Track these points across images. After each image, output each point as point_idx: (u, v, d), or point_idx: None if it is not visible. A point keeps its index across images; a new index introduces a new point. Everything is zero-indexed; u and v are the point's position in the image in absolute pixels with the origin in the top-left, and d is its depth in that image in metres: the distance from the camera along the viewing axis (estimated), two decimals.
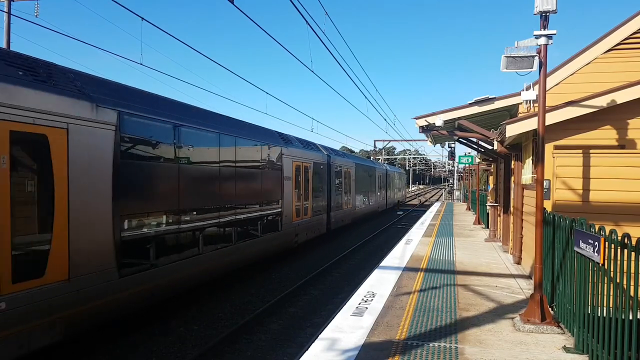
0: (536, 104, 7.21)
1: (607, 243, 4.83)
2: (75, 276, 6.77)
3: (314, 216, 18.75)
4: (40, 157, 6.43)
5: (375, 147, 65.83)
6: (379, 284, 8.74)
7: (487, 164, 23.03)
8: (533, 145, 9.26)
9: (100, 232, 7.37)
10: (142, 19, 11.30)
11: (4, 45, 18.63)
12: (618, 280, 4.62)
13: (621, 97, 7.94)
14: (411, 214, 39.67)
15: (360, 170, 28.11)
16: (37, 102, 6.31)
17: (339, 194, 23.00)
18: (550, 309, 6.64)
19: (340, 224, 23.13)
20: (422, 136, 16.91)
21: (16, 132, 6.00)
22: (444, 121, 11.28)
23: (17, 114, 6.02)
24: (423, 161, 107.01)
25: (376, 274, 9.66)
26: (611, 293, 4.80)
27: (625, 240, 4.45)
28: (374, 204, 33.42)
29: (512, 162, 12.16)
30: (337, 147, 36.10)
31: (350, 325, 6.34)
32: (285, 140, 16.22)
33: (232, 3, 9.64)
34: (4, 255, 5.78)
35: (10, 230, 5.87)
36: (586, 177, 7.75)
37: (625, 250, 4.46)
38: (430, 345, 5.67)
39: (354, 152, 65.31)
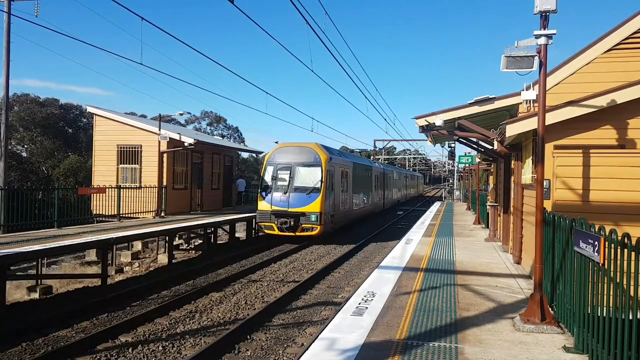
0: (536, 104, 7.21)
1: (607, 243, 4.82)
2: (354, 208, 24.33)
3: (391, 199, 42.79)
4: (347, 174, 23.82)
5: (375, 146, 65.88)
6: (379, 284, 8.74)
7: (487, 164, 23.05)
8: (533, 145, 9.27)
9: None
10: (142, 18, 11.32)
11: (4, 45, 18.57)
12: (618, 280, 4.63)
13: (621, 97, 7.94)
14: (411, 214, 39.66)
15: (410, 177, 59.51)
16: (343, 162, 23.42)
17: (405, 188, 51.77)
18: (550, 309, 6.64)
19: (403, 200, 51.27)
20: (422, 136, 18.23)
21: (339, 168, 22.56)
22: (444, 121, 11.29)
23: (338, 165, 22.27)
24: (423, 161, 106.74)
25: (376, 274, 9.67)
26: (611, 293, 4.80)
27: (625, 240, 4.45)
28: (415, 192, 65.82)
29: (512, 162, 12.16)
30: (337, 146, 38.23)
31: (350, 325, 6.34)
32: (383, 167, 39.78)
33: (232, 3, 9.64)
34: (321, 203, 19.74)
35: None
36: (586, 177, 7.74)
37: (625, 250, 4.46)
38: (430, 345, 5.67)
39: (354, 151, 66.86)
